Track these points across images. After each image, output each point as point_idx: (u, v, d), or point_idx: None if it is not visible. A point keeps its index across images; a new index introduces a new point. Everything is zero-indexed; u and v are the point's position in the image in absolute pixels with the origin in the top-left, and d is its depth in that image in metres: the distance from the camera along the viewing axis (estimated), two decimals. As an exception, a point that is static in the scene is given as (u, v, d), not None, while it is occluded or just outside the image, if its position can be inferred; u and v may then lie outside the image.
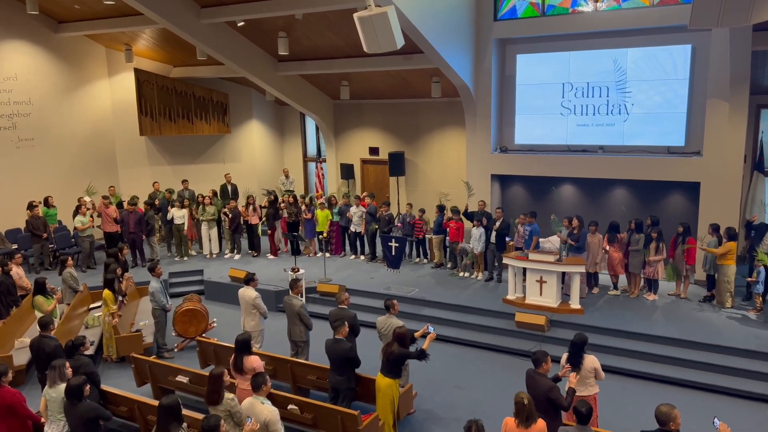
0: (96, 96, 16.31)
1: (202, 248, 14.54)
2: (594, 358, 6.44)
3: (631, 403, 7.97)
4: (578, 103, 13.00)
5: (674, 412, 4.82)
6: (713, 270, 10.45)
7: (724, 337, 9.03)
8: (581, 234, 10.85)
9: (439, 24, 11.61)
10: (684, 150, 12.13)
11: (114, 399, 7.20)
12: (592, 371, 6.40)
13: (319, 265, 12.85)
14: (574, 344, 6.37)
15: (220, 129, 17.65)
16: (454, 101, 15.08)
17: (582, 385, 6.35)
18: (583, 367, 6.34)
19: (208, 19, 13.01)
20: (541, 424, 5.18)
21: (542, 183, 13.85)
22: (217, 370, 5.91)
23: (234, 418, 5.78)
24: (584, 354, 6.38)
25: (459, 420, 7.55)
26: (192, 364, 8.76)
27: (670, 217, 11.76)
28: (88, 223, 13.28)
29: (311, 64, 15.40)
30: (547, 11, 12.70)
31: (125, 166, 16.89)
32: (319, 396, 7.79)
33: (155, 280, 9.52)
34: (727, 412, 7.21)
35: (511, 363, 9.32)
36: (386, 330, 7.56)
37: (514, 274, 10.76)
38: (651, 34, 12.00)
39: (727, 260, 10.08)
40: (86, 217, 13.28)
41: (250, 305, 8.70)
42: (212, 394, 5.80)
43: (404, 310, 10.60)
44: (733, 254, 10.07)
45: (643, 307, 10.46)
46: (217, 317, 10.47)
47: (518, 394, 5.25)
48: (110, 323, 9.32)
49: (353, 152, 17.68)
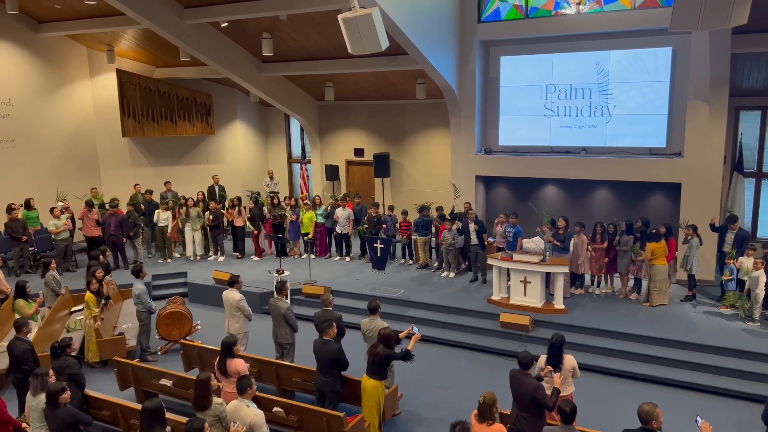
0: (77, 97, 16.12)
1: (186, 250, 14.44)
2: (572, 358, 6.51)
3: (614, 402, 8.05)
4: (561, 104, 13.11)
5: (656, 411, 4.87)
6: (695, 270, 10.58)
7: (704, 336, 9.14)
8: (567, 234, 10.94)
9: (423, 25, 11.65)
10: (665, 151, 12.29)
11: (96, 403, 7.12)
12: (572, 370, 6.47)
13: (304, 267, 12.81)
14: (553, 345, 6.42)
15: (204, 130, 17.54)
16: (438, 103, 15.13)
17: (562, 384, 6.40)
18: (564, 367, 6.39)
19: (191, 20, 12.92)
20: (495, 428, 5.22)
21: (526, 184, 13.95)
22: (204, 375, 5.87)
23: (223, 422, 5.74)
24: (563, 354, 6.43)
25: (443, 420, 7.57)
26: (176, 367, 8.69)
27: (652, 218, 11.87)
28: (62, 226, 13.07)
29: (296, 65, 15.36)
30: (530, 13, 12.79)
31: (108, 168, 16.72)
32: (305, 398, 7.76)
33: (140, 282, 9.44)
34: (709, 410, 7.30)
35: (496, 363, 9.36)
36: (371, 332, 7.56)
37: (498, 275, 10.82)
38: (632, 37, 12.15)
39: (657, 260, 10.27)
40: (60, 220, 13.08)
41: (234, 308, 8.65)
42: (201, 399, 5.75)
43: (389, 311, 10.64)
44: (660, 255, 10.24)
45: (625, 307, 10.56)
46: (201, 320, 10.39)
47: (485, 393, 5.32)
48: (92, 326, 9.21)
49: (338, 153, 17.67)
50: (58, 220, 13.05)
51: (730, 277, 10.07)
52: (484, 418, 5.21)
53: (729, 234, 10.62)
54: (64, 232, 13.14)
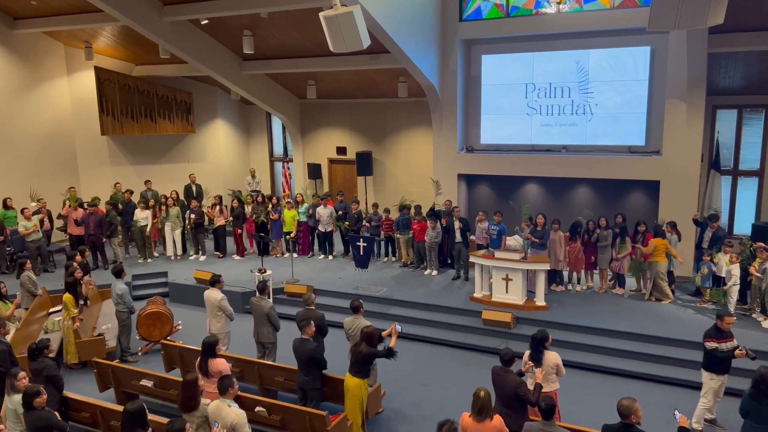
0: (55, 95, 15.87)
1: (166, 250, 14.30)
2: (556, 355, 6.55)
3: (594, 397, 8.13)
4: (542, 103, 13.21)
5: (635, 406, 4.93)
6: (672, 266, 10.73)
7: (681, 331, 9.26)
8: (545, 231, 11.03)
9: (405, 24, 11.66)
10: (644, 149, 12.45)
11: (75, 405, 7.03)
12: (554, 368, 6.51)
13: (287, 266, 12.76)
14: (533, 339, 6.49)
15: (185, 128, 17.38)
16: (420, 101, 15.16)
17: (544, 381, 6.45)
18: (545, 363, 6.45)
19: (170, 17, 12.79)
20: (496, 422, 5.25)
21: (508, 182, 14.04)
22: (192, 376, 5.83)
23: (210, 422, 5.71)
24: (545, 350, 6.48)
25: (426, 418, 7.60)
26: (156, 367, 8.61)
27: (632, 215, 12.03)
28: (31, 227, 12.80)
29: (277, 63, 15.28)
30: (511, 12, 12.87)
31: (86, 167, 16.48)
32: (287, 397, 7.74)
33: (121, 281, 9.34)
34: (686, 404, 7.41)
35: (478, 360, 9.41)
36: (354, 331, 7.56)
37: (480, 273, 10.87)
38: (612, 36, 12.28)
39: (656, 257, 10.40)
40: (30, 221, 12.83)
41: (215, 307, 8.59)
42: (189, 401, 5.71)
43: (373, 310, 10.65)
44: (661, 251, 10.38)
45: (605, 303, 10.68)
46: (182, 320, 10.31)
47: (478, 388, 5.33)
48: (70, 327, 9.08)
49: (321, 152, 17.62)
50: (29, 221, 12.77)
51: (707, 272, 10.25)
52: (484, 414, 5.21)
53: (708, 231, 10.79)
54: (35, 234, 12.82)
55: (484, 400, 5.21)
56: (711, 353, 6.97)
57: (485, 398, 5.22)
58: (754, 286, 9.86)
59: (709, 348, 6.97)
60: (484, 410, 5.21)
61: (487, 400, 5.22)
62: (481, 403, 5.21)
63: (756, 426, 5.83)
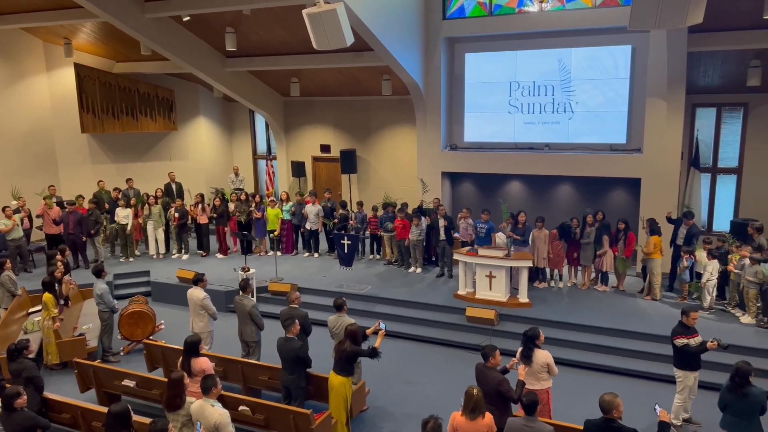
0: (33, 92, 15.63)
1: (148, 249, 14.17)
2: (547, 354, 6.54)
3: (576, 393, 8.21)
4: (525, 101, 13.29)
5: (617, 401, 4.99)
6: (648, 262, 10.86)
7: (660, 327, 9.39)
8: (527, 229, 11.10)
9: (388, 22, 11.65)
10: (625, 147, 12.57)
11: (56, 406, 6.95)
12: (545, 366, 6.50)
13: (271, 264, 12.72)
14: (525, 337, 6.51)
15: (167, 126, 17.22)
16: (404, 99, 15.17)
17: (534, 379, 6.48)
18: (535, 361, 6.46)
19: (152, 14, 12.65)
20: (488, 419, 5.27)
21: (491, 180, 14.11)
22: (177, 374, 5.81)
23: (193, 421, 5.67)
24: (535, 348, 6.51)
25: (411, 415, 7.62)
26: (139, 367, 8.54)
27: (613, 212, 12.16)
28: (10, 224, 12.60)
29: (260, 60, 15.19)
30: (494, 11, 12.92)
31: (66, 165, 16.27)
32: (271, 396, 7.72)
33: (102, 281, 9.25)
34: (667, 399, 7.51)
35: (463, 357, 9.45)
36: (338, 329, 7.55)
37: (464, 270, 10.92)
38: (593, 35, 12.38)
39: (654, 254, 10.52)
40: (9, 220, 12.62)
41: (198, 306, 8.53)
42: (174, 399, 5.68)
43: (357, 308, 10.65)
44: (658, 248, 10.51)
45: (587, 300, 10.79)
46: (165, 319, 10.23)
47: (470, 386, 5.34)
48: (50, 328, 8.97)
49: (304, 150, 17.56)
50: (9, 219, 12.57)
51: (687, 266, 10.41)
52: (477, 412, 5.21)
53: (682, 228, 10.94)
54: (16, 232, 12.58)
55: (477, 399, 5.21)
56: (683, 350, 6.97)
57: (479, 396, 5.22)
58: (732, 281, 10.03)
59: (680, 345, 6.97)
60: (478, 408, 5.21)
61: (480, 399, 5.22)
62: (474, 401, 5.21)
63: (734, 419, 5.93)
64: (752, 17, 10.32)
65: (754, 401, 5.80)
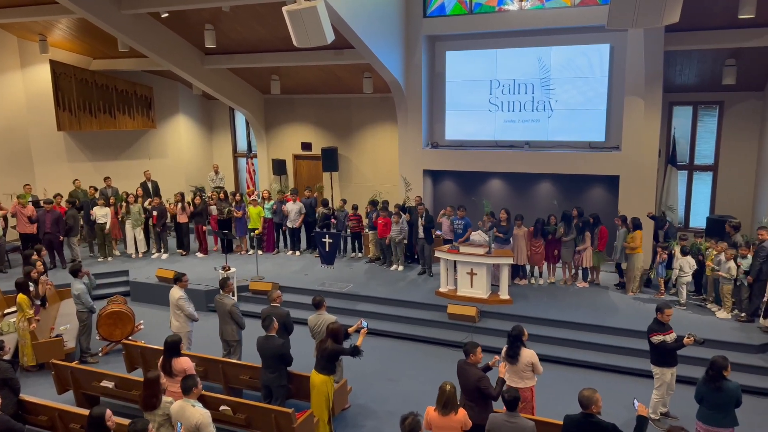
0: (7, 89, 15.32)
1: (127, 248, 14.00)
2: (532, 353, 6.56)
3: (556, 388, 8.29)
4: (505, 99, 13.36)
5: (596, 396, 5.05)
6: (622, 259, 10.98)
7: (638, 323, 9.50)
8: (510, 226, 11.18)
9: (369, 19, 11.63)
10: (604, 145, 12.71)
11: (33, 408, 6.85)
12: (529, 365, 6.52)
13: (252, 263, 12.64)
14: (510, 336, 6.54)
15: (145, 124, 17.01)
16: (385, 97, 15.17)
17: (519, 377, 6.51)
18: (520, 360, 6.47)
19: (129, 10, 12.48)
20: (460, 414, 5.31)
21: (472, 178, 14.17)
22: (153, 374, 5.74)
23: (172, 421, 5.62)
24: (521, 346, 6.52)
25: (392, 413, 7.63)
26: (118, 368, 8.45)
27: (593, 209, 12.27)
28: None
29: (240, 58, 15.08)
30: (474, 9, 12.96)
31: (42, 163, 15.98)
32: (253, 396, 7.68)
33: (79, 281, 9.11)
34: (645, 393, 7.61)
35: (444, 354, 9.49)
36: (319, 327, 7.53)
37: (445, 267, 10.96)
38: (572, 34, 12.49)
39: (637, 249, 10.66)
40: None
41: (175, 306, 8.46)
42: (150, 399, 5.61)
43: (339, 306, 10.65)
44: (638, 242, 10.66)
45: (567, 296, 10.90)
46: (144, 319, 10.13)
47: (444, 382, 5.38)
48: (26, 329, 8.82)
49: (285, 147, 17.47)
50: None
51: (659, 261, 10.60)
52: (449, 408, 5.25)
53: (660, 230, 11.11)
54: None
55: (449, 394, 5.27)
56: (659, 347, 7.05)
57: (451, 392, 5.28)
58: (709, 277, 10.20)
59: (656, 342, 7.05)
60: (449, 404, 5.26)
61: (452, 394, 5.28)
62: (446, 397, 5.27)
63: (709, 412, 6.03)
64: (727, 17, 10.49)
65: (729, 395, 5.90)
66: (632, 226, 10.76)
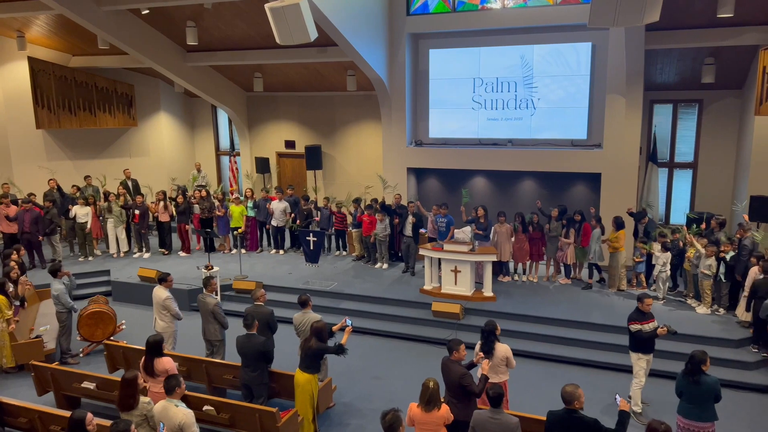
0: (-16, 86, 15.11)
1: (109, 247, 13.84)
2: (507, 347, 6.64)
3: (539, 384, 8.36)
4: (488, 97, 13.41)
5: (578, 392, 5.09)
6: (598, 259, 11.07)
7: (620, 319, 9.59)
8: (488, 223, 11.23)
9: (352, 17, 11.60)
10: (586, 143, 12.82)
11: (12, 410, 6.74)
12: (504, 360, 6.60)
13: (235, 262, 12.57)
14: (484, 332, 6.59)
15: (126, 122, 16.82)
16: (369, 95, 15.15)
17: (493, 372, 6.55)
18: (495, 354, 6.55)
19: (109, 6, 12.33)
20: (443, 411, 5.35)
21: (456, 175, 14.21)
22: (131, 374, 5.68)
23: (150, 422, 5.57)
24: (496, 341, 6.60)
25: (377, 411, 7.56)
26: (99, 369, 8.35)
27: (575, 206, 12.36)
28: None
29: (222, 55, 14.97)
30: (457, 7, 12.99)
31: (21, 162, 15.74)
32: (236, 395, 7.64)
33: (58, 281, 8.98)
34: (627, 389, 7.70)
35: (429, 351, 9.51)
36: (303, 326, 7.50)
37: (430, 265, 10.98)
38: (554, 32, 12.57)
39: (620, 248, 10.77)
40: None
41: (161, 306, 8.38)
42: (126, 399, 5.55)
43: (323, 304, 10.62)
44: (622, 241, 10.77)
45: (550, 293, 10.98)
46: (126, 319, 10.02)
47: (427, 379, 5.41)
48: (5, 330, 8.68)
49: (269, 145, 17.38)
50: None
51: (641, 260, 10.71)
52: (432, 404, 5.28)
53: (640, 225, 11.24)
54: None
55: (432, 391, 5.30)
56: (636, 335, 7.33)
57: (434, 389, 5.31)
58: (687, 272, 10.33)
59: (633, 330, 7.33)
60: (433, 400, 5.30)
61: (435, 391, 5.31)
62: (429, 393, 5.30)
63: (689, 406, 6.11)
64: (706, 16, 10.63)
65: (708, 389, 5.98)
66: (615, 225, 10.86)
